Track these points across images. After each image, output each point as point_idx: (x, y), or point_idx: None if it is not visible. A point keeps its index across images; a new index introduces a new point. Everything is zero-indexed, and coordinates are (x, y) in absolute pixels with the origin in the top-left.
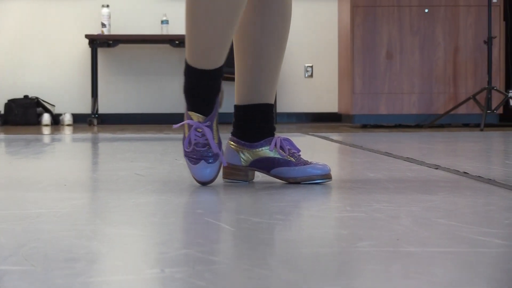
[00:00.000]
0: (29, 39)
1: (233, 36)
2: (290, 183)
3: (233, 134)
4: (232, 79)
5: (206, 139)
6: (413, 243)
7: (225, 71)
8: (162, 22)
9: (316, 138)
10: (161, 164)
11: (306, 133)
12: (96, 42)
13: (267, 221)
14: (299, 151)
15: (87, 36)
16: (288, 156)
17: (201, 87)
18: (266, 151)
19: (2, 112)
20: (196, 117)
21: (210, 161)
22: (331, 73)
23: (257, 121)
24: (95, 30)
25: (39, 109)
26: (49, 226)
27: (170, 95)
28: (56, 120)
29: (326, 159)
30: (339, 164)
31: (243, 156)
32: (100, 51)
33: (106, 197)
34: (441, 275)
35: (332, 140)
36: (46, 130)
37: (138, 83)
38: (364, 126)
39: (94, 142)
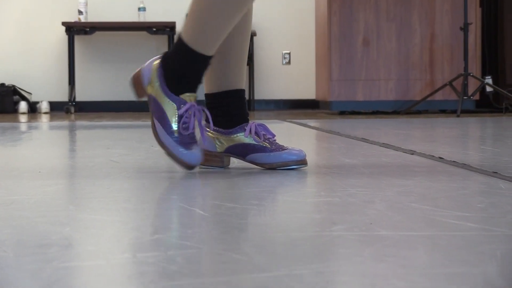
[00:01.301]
0: (5, 26)
1: None
2: (265, 169)
3: (207, 121)
4: None
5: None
6: (386, 227)
7: None
8: (139, 9)
9: (294, 124)
10: (137, 151)
11: (284, 120)
12: (73, 30)
13: (241, 206)
14: (274, 136)
15: (64, 23)
16: (263, 142)
17: (201, 70)
18: (241, 137)
19: None
20: (193, 97)
21: (198, 144)
22: (308, 60)
23: (231, 108)
24: (72, 18)
25: (16, 97)
26: (22, 212)
27: None
28: (33, 108)
29: (303, 145)
30: (316, 150)
31: (218, 142)
32: (77, 39)
33: (81, 183)
34: (414, 258)
35: (309, 126)
36: (23, 118)
37: (115, 71)
38: (342, 113)
39: (71, 130)
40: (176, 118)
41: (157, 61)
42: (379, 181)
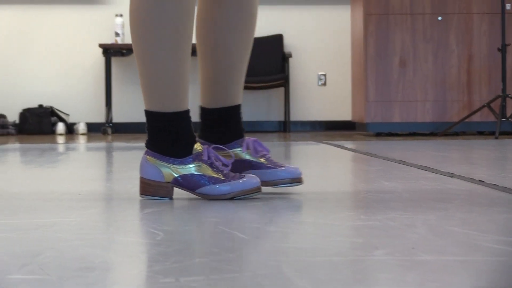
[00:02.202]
0: (43, 48)
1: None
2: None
3: (201, 137)
4: (249, 88)
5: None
6: (428, 252)
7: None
8: None
9: (330, 146)
10: None
11: (320, 141)
12: (110, 51)
13: (281, 230)
14: (268, 151)
15: (101, 45)
16: (260, 158)
17: (188, 124)
18: (238, 153)
19: (17, 121)
20: (198, 144)
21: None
22: (344, 81)
23: (230, 123)
24: (109, 40)
25: (54, 118)
26: (63, 235)
27: None
28: (70, 129)
29: (340, 168)
30: (354, 172)
31: None
32: (114, 60)
33: (120, 206)
34: (457, 283)
35: (346, 148)
36: (60, 139)
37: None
38: (378, 134)
39: (108, 151)
40: (209, 168)
41: (146, 156)
42: (419, 205)
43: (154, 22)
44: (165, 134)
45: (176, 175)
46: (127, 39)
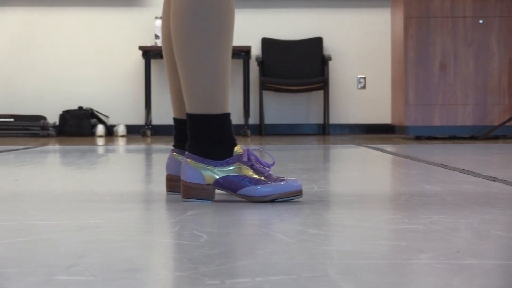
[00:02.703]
0: (84, 50)
1: None
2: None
3: (177, 146)
4: (288, 91)
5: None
6: (473, 256)
7: (273, 82)
8: None
9: (370, 149)
10: None
11: (360, 144)
12: (150, 54)
13: (324, 233)
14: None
15: (140, 47)
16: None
17: (229, 126)
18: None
19: (57, 123)
20: (238, 146)
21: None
22: (384, 84)
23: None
24: (149, 42)
25: (93, 120)
26: (107, 236)
27: None
28: (110, 131)
29: (380, 171)
30: (395, 176)
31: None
32: (154, 63)
33: (163, 207)
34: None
35: (386, 151)
36: (100, 141)
37: None
38: (418, 138)
39: (148, 153)
40: (250, 170)
41: (186, 159)
42: (462, 208)
43: (202, 24)
44: (208, 136)
45: (217, 177)
46: None
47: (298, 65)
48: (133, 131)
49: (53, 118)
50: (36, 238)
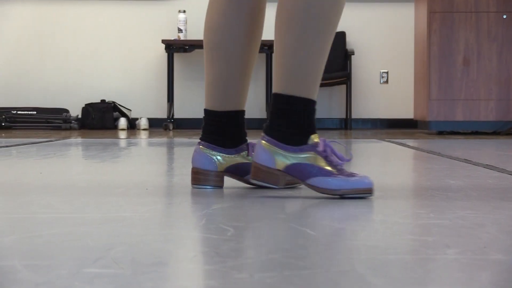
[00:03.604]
0: (106, 44)
1: None
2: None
3: (204, 139)
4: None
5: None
6: (500, 251)
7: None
8: None
9: (393, 144)
10: None
11: (382, 139)
12: (173, 47)
13: (350, 228)
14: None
15: (163, 41)
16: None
17: (313, 114)
18: (244, 156)
19: (80, 116)
20: (316, 136)
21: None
22: (406, 79)
23: (238, 127)
24: (172, 35)
25: (116, 113)
26: (134, 230)
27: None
28: (132, 125)
29: (404, 166)
30: (418, 171)
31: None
32: (176, 56)
33: (188, 201)
34: None
35: (409, 146)
36: (122, 134)
37: None
38: (440, 133)
39: (170, 147)
40: (324, 161)
41: (261, 141)
42: (488, 204)
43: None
44: (288, 119)
45: (289, 163)
46: (190, 35)
47: None
48: (155, 124)
49: (75, 111)
50: (63, 231)
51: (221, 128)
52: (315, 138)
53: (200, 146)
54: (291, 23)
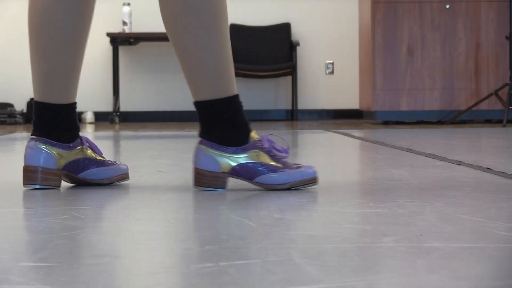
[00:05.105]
0: None
1: None
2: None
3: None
4: (256, 76)
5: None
6: (437, 239)
7: (241, 67)
8: None
9: (338, 134)
10: (183, 161)
11: (328, 129)
12: (118, 40)
13: (289, 217)
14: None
15: (108, 34)
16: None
17: (240, 108)
18: (83, 151)
19: (25, 110)
20: (254, 131)
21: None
22: (352, 69)
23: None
24: (116, 28)
25: None
26: (73, 223)
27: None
28: (78, 119)
29: (348, 156)
30: (362, 160)
31: None
32: (122, 49)
33: (129, 194)
34: (465, 270)
35: (353, 136)
36: None
37: (159, 81)
38: (386, 123)
39: (116, 140)
40: (268, 156)
41: (200, 146)
42: (428, 192)
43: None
44: (221, 122)
45: (234, 164)
46: (135, 28)
47: (266, 51)
48: (101, 118)
49: (20, 105)
50: (2, 226)
51: (58, 121)
52: (255, 136)
53: (34, 142)
54: (184, 25)
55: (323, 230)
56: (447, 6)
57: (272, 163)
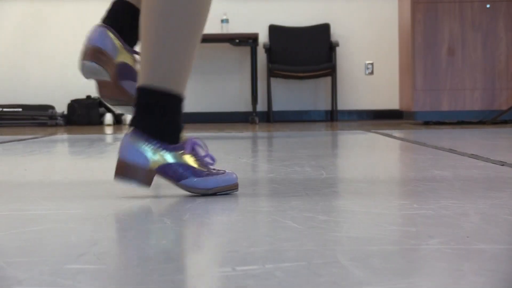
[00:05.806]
0: None
1: None
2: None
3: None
4: (296, 77)
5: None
6: (483, 241)
7: (281, 69)
8: (222, 21)
9: (378, 135)
10: (224, 163)
11: (368, 130)
12: None
13: (334, 219)
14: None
15: None
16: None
17: (180, 109)
18: None
19: (65, 112)
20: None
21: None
22: (391, 70)
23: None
24: None
25: (102, 109)
26: (118, 225)
27: (231, 94)
28: (118, 120)
29: (389, 157)
30: (403, 161)
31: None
32: None
33: (173, 196)
34: None
35: (394, 137)
36: (108, 130)
37: (199, 82)
38: (426, 123)
39: None
40: (194, 160)
41: (132, 136)
42: (471, 193)
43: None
44: (159, 113)
45: (163, 163)
46: None
47: (305, 52)
48: None
49: (61, 107)
50: (47, 228)
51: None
52: (183, 137)
53: None
54: (152, 10)
55: (368, 232)
56: (488, 6)
57: (198, 167)
